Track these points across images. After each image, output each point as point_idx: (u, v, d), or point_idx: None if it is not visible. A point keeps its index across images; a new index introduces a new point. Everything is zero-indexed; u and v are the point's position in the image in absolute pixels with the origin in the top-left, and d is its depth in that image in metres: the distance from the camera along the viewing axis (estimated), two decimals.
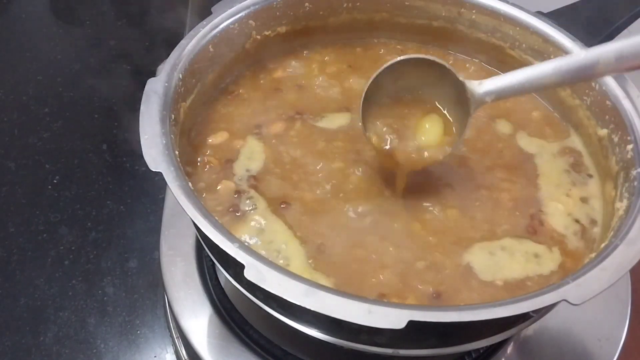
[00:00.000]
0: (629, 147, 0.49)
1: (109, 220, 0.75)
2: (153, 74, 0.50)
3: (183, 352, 0.62)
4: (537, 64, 0.47)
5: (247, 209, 0.49)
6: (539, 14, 0.59)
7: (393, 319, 0.35)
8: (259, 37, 0.60)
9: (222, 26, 0.56)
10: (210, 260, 0.59)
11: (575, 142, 0.57)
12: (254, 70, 0.61)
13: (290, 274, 0.37)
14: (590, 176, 0.54)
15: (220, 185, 0.51)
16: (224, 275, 0.48)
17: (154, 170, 0.42)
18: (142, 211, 0.76)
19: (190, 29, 0.54)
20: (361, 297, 0.37)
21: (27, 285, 0.69)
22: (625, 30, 0.61)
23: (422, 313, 0.35)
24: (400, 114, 0.51)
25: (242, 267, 0.37)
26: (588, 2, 0.64)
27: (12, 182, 0.79)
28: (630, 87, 0.52)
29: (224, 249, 0.38)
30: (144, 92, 0.47)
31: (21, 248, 0.72)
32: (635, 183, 0.46)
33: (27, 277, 0.69)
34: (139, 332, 0.66)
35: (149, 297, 0.68)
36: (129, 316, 0.67)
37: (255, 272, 0.37)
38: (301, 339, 0.46)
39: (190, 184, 0.43)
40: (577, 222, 0.51)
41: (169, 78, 0.49)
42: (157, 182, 0.78)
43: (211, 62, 0.56)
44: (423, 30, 0.65)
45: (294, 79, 0.61)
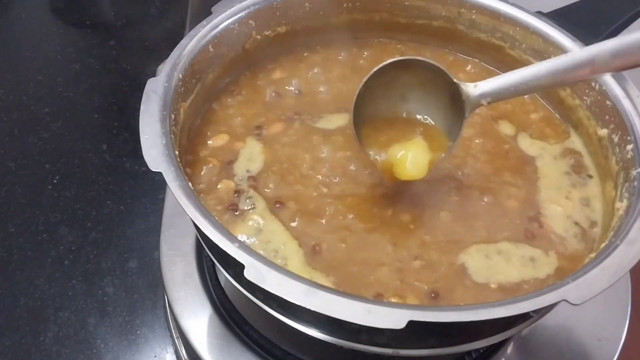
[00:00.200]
0: (629, 147, 0.49)
1: (109, 220, 0.75)
2: (153, 74, 0.50)
3: (183, 352, 0.62)
4: (534, 64, 0.47)
5: (246, 209, 0.49)
6: (539, 14, 0.59)
7: (393, 319, 0.35)
8: (259, 37, 0.60)
9: (222, 26, 0.56)
10: (210, 260, 0.59)
11: (576, 142, 0.57)
12: (254, 70, 0.61)
13: (290, 274, 0.37)
14: (590, 177, 0.54)
15: (221, 184, 0.51)
16: (224, 275, 0.48)
17: (154, 170, 0.42)
18: (142, 211, 0.76)
19: (190, 29, 0.54)
20: (361, 297, 0.37)
21: (27, 285, 0.69)
22: (626, 30, 0.61)
23: (422, 313, 0.35)
24: (390, 128, 0.51)
25: (242, 267, 0.37)
26: (588, 2, 0.64)
27: (12, 182, 0.79)
28: (630, 87, 0.52)
29: (224, 249, 0.38)
30: (144, 92, 0.47)
31: (21, 248, 0.72)
32: (635, 183, 0.46)
33: (27, 277, 0.69)
34: (139, 332, 0.66)
35: (149, 297, 0.68)
36: (129, 316, 0.67)
37: (255, 272, 0.37)
38: (301, 339, 0.46)
39: (190, 184, 0.43)
40: (576, 225, 0.51)
41: (169, 78, 0.49)
42: (157, 182, 0.78)
43: (211, 62, 0.56)
44: (423, 30, 0.64)
45: (293, 79, 0.61)
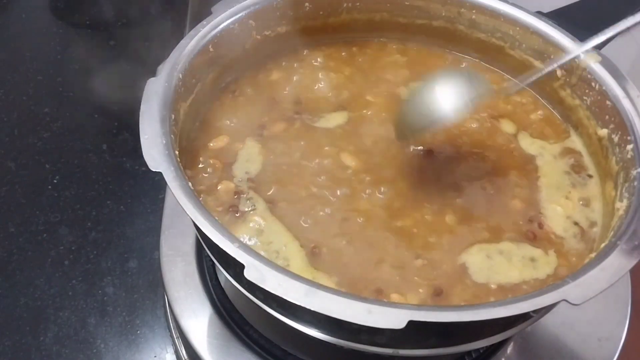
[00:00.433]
0: (629, 147, 0.49)
1: (109, 220, 0.75)
2: (153, 74, 0.50)
3: (183, 352, 0.62)
4: None
5: (247, 210, 0.49)
6: (539, 14, 0.59)
7: (393, 319, 0.35)
8: (259, 37, 0.60)
9: (222, 26, 0.56)
10: (210, 260, 0.59)
11: (576, 142, 0.57)
12: (254, 70, 0.61)
13: (290, 274, 0.37)
14: (590, 176, 0.54)
15: (221, 186, 0.51)
16: (224, 275, 0.48)
17: (154, 170, 0.42)
18: (142, 211, 0.76)
19: (190, 29, 0.54)
20: (361, 297, 0.37)
21: (27, 285, 0.69)
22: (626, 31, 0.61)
23: (422, 313, 0.35)
24: None
25: (242, 267, 0.37)
26: (588, 2, 0.64)
27: (12, 182, 0.79)
28: (630, 87, 0.52)
29: (224, 249, 0.38)
30: (144, 92, 0.47)
31: (21, 248, 0.72)
32: (635, 183, 0.46)
33: (27, 277, 0.69)
34: (139, 332, 0.66)
35: (149, 297, 0.68)
36: (129, 316, 0.67)
37: (255, 272, 0.37)
38: (301, 339, 0.46)
39: (190, 184, 0.43)
40: (576, 225, 0.51)
41: (169, 78, 0.49)
42: (157, 182, 0.77)
43: (211, 62, 0.56)
44: (423, 30, 0.64)
45: (293, 79, 0.61)
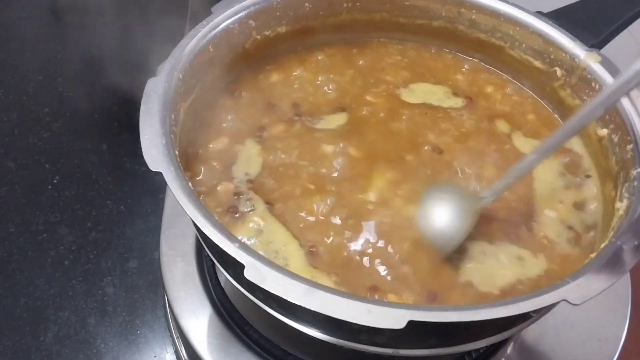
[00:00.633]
0: (629, 147, 0.49)
1: (109, 220, 0.75)
2: (153, 74, 0.50)
3: (183, 352, 0.62)
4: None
5: (246, 210, 0.49)
6: (539, 14, 0.59)
7: (393, 319, 0.35)
8: (259, 37, 0.60)
9: (222, 26, 0.56)
10: (210, 260, 0.59)
11: (575, 142, 0.57)
12: (254, 70, 0.61)
13: (290, 274, 0.37)
14: (588, 177, 0.54)
15: (220, 187, 0.51)
16: (224, 275, 0.48)
17: (154, 170, 0.42)
18: (142, 211, 0.76)
19: (190, 29, 0.54)
20: (361, 297, 0.37)
21: (27, 285, 0.69)
22: (626, 31, 0.61)
23: (422, 313, 0.35)
24: None
25: (242, 267, 0.37)
26: (588, 2, 0.64)
27: (12, 182, 0.79)
28: None
29: (224, 249, 0.38)
30: (144, 92, 0.47)
31: (21, 248, 0.72)
32: (635, 183, 0.46)
33: (27, 277, 0.69)
34: (139, 332, 0.66)
35: (149, 297, 0.68)
36: (129, 316, 0.67)
37: (255, 272, 0.37)
38: (301, 339, 0.46)
39: (190, 184, 0.43)
40: (570, 229, 0.50)
41: (169, 78, 0.49)
42: (157, 182, 0.77)
43: (211, 62, 0.56)
44: (423, 30, 0.64)
45: (293, 79, 0.61)
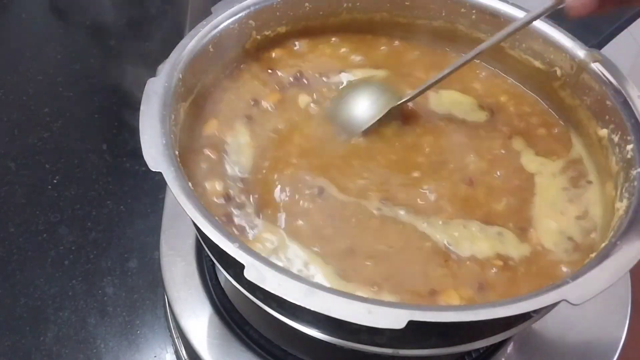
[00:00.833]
0: (629, 147, 0.49)
1: (109, 220, 0.75)
2: (153, 74, 0.50)
3: (183, 352, 0.62)
4: None
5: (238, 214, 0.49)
6: None
7: (393, 319, 0.35)
8: (259, 37, 0.60)
9: (222, 26, 0.56)
10: (210, 260, 0.59)
11: (576, 143, 0.57)
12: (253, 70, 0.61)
13: (290, 274, 0.37)
14: (589, 182, 0.54)
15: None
16: (224, 275, 0.48)
17: (154, 170, 0.42)
18: (142, 211, 0.76)
19: (190, 29, 0.54)
20: (361, 297, 0.37)
21: (27, 285, 0.68)
22: (626, 31, 0.61)
23: (422, 313, 0.35)
24: None
25: (242, 267, 0.37)
26: None
27: (12, 182, 0.79)
28: (630, 87, 0.52)
29: (224, 249, 0.38)
30: (144, 92, 0.47)
31: (21, 248, 0.72)
32: (635, 183, 0.46)
33: (27, 277, 0.69)
34: (139, 332, 0.66)
35: (149, 297, 0.68)
36: (129, 316, 0.67)
37: (255, 272, 0.37)
38: (301, 339, 0.46)
39: (190, 184, 0.43)
40: (570, 240, 0.50)
41: (169, 78, 0.49)
42: (157, 182, 0.77)
43: (211, 62, 0.56)
44: (423, 30, 0.64)
45: (293, 79, 0.61)
